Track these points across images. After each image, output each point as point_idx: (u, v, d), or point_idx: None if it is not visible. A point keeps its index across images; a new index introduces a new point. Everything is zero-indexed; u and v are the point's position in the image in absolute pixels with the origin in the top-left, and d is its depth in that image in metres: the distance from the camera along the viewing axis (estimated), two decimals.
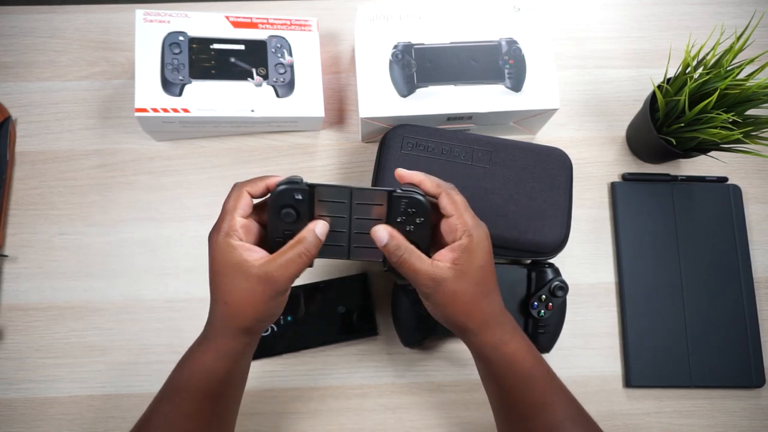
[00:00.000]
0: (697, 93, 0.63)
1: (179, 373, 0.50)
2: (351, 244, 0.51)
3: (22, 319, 0.66)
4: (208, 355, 0.49)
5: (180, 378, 0.50)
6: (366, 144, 0.74)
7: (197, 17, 0.68)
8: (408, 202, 0.48)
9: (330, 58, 0.76)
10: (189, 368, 0.50)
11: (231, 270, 0.46)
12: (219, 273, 0.47)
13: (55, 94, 0.73)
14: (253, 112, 0.67)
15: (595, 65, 0.78)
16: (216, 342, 0.49)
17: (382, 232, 0.48)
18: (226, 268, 0.46)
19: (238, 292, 0.46)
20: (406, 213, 0.49)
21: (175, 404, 0.49)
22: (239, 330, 0.48)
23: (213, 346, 0.49)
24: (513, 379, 0.50)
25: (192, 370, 0.49)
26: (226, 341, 0.49)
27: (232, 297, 0.47)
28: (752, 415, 0.67)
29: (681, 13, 0.80)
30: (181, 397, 0.49)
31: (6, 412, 0.64)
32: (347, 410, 0.66)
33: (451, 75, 0.66)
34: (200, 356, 0.49)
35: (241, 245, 0.47)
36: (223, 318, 0.48)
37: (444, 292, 0.47)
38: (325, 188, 0.49)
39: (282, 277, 0.46)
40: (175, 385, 0.50)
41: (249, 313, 0.47)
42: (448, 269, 0.47)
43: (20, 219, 0.69)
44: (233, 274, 0.46)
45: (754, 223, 0.73)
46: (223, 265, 0.47)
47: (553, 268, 0.65)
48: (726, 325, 0.68)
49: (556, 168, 0.64)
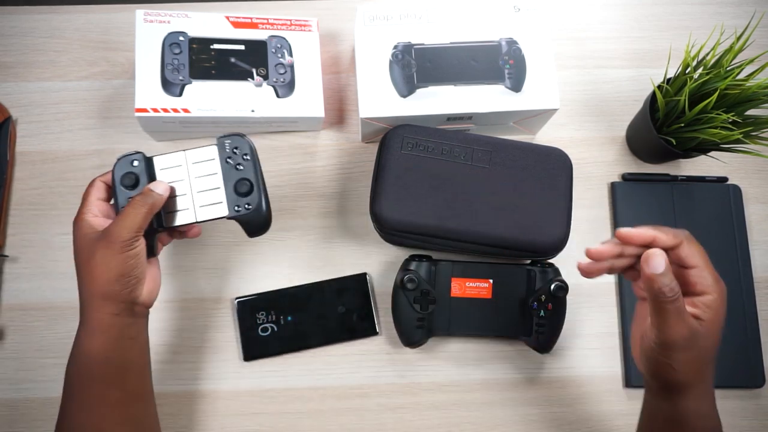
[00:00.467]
0: (697, 93, 0.63)
1: (69, 367, 0.51)
2: (195, 204, 0.55)
3: (23, 319, 0.66)
4: (83, 340, 0.50)
5: (70, 371, 0.51)
6: (366, 144, 0.74)
7: (197, 17, 0.68)
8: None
9: (330, 58, 0.76)
10: (73, 359, 0.50)
11: (86, 242, 0.50)
12: (76, 249, 0.50)
13: (55, 94, 0.73)
14: (254, 112, 0.67)
15: (595, 65, 0.78)
16: (87, 323, 0.50)
17: (660, 259, 0.43)
18: (83, 241, 0.50)
19: (94, 259, 0.49)
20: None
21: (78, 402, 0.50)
22: (97, 295, 0.49)
23: (86, 329, 0.50)
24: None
25: (75, 360, 0.50)
26: (94, 314, 0.50)
27: (89, 266, 0.49)
28: (752, 415, 0.67)
29: (681, 13, 0.80)
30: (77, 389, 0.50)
31: (6, 412, 0.64)
32: (347, 410, 0.66)
33: (451, 75, 0.66)
34: (77, 343, 0.50)
35: (93, 219, 0.51)
36: (81, 291, 0.50)
37: (696, 349, 0.44)
38: (161, 158, 0.55)
39: (121, 228, 0.49)
40: (70, 383, 0.51)
41: (104, 276, 0.49)
42: (697, 325, 0.44)
43: (20, 219, 0.69)
44: (88, 244, 0.50)
45: (754, 223, 0.73)
46: (80, 239, 0.50)
47: (553, 268, 0.65)
48: (726, 325, 0.68)
49: (556, 168, 0.64)
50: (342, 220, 0.71)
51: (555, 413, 0.67)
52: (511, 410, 0.66)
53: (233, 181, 0.55)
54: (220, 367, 0.66)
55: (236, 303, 0.67)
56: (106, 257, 0.49)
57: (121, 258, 0.49)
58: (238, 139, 0.55)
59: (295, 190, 0.71)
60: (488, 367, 0.68)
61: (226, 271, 0.69)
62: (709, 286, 0.45)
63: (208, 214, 0.55)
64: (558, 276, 0.65)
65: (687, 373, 0.45)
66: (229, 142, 0.55)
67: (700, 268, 0.45)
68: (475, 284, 0.65)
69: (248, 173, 0.55)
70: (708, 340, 0.45)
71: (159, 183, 0.53)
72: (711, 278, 0.45)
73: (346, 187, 0.72)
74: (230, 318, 0.67)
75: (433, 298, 0.63)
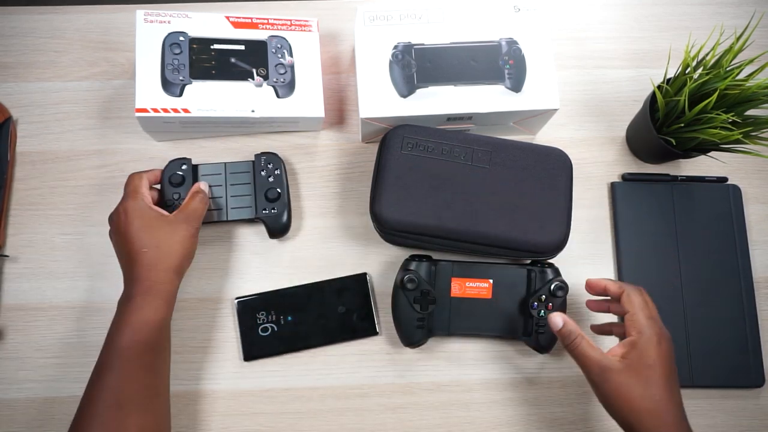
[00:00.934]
0: (697, 93, 0.63)
1: (119, 338, 0.53)
2: (228, 207, 0.66)
3: (23, 319, 0.66)
4: (145, 310, 0.54)
5: (120, 341, 0.53)
6: (366, 144, 0.74)
7: (197, 17, 0.68)
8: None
9: (330, 58, 0.76)
10: (130, 328, 0.53)
11: (155, 222, 0.58)
12: (143, 227, 0.57)
13: (55, 94, 0.73)
14: (254, 112, 0.67)
15: (595, 65, 0.78)
16: (151, 293, 0.54)
17: (558, 318, 0.56)
18: (150, 221, 0.58)
19: (166, 236, 0.58)
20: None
21: (119, 370, 0.52)
22: (172, 269, 0.57)
23: (149, 299, 0.54)
24: None
25: (133, 329, 0.53)
26: (163, 286, 0.55)
27: (161, 241, 0.57)
28: (752, 415, 0.67)
29: (681, 13, 0.80)
30: (126, 359, 0.52)
31: (6, 412, 0.64)
32: (347, 410, 0.66)
33: (451, 75, 0.66)
34: (137, 313, 0.54)
35: (152, 205, 0.60)
36: (156, 264, 0.56)
37: (610, 382, 0.51)
38: (204, 166, 0.67)
39: (196, 215, 0.61)
40: (117, 352, 0.53)
41: (179, 252, 0.58)
42: (616, 361, 0.52)
43: (21, 219, 0.69)
44: (157, 224, 0.58)
45: (754, 223, 0.73)
46: (145, 219, 0.58)
47: (553, 268, 0.65)
48: (726, 325, 0.68)
49: (556, 168, 0.64)
50: (342, 220, 0.71)
51: (555, 413, 0.67)
52: (511, 410, 0.66)
53: (264, 189, 0.67)
54: (220, 367, 0.66)
55: (236, 303, 0.67)
56: (186, 237, 0.59)
57: (195, 239, 0.60)
58: (272, 156, 0.68)
59: (296, 190, 0.71)
60: (488, 367, 0.68)
61: (226, 271, 0.69)
62: (635, 328, 0.52)
63: (237, 214, 0.66)
64: (558, 276, 0.65)
65: (620, 408, 0.51)
66: (264, 158, 0.68)
67: (631, 314, 0.53)
68: (475, 284, 0.65)
69: (277, 184, 0.67)
70: (628, 376, 0.51)
71: (204, 183, 0.65)
72: (641, 322, 0.52)
73: (346, 187, 0.72)
74: (230, 318, 0.67)
75: (433, 298, 0.63)
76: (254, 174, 0.67)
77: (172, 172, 0.65)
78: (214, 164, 0.68)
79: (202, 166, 0.67)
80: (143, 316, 0.55)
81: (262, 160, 0.68)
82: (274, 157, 0.68)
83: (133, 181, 0.61)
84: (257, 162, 0.68)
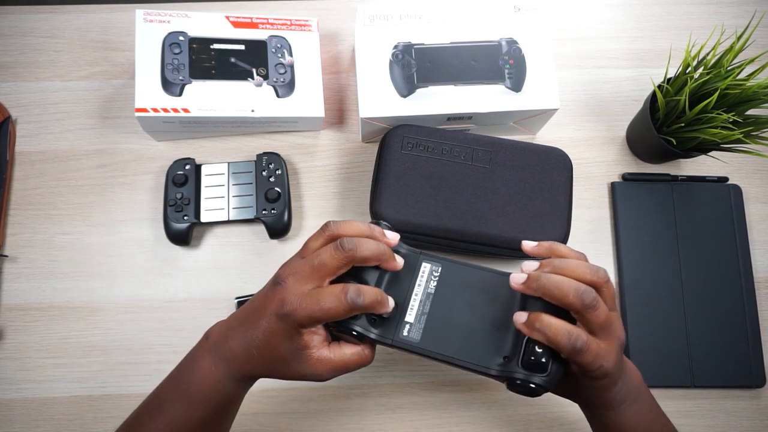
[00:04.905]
0: (698, 93, 0.63)
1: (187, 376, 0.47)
2: (230, 206, 0.67)
3: (22, 319, 0.66)
4: (220, 371, 0.46)
5: (190, 382, 0.47)
6: (366, 144, 0.74)
7: (197, 17, 0.68)
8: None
9: (330, 58, 0.76)
10: (198, 377, 0.47)
11: (289, 352, 0.44)
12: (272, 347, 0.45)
13: (55, 94, 0.73)
14: (254, 112, 0.67)
15: (595, 65, 0.78)
16: (231, 368, 0.46)
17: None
18: (284, 346, 0.44)
19: (281, 361, 0.45)
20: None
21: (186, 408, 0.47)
22: (253, 377, 0.47)
23: (228, 369, 0.46)
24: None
25: (202, 380, 0.47)
26: (239, 373, 0.47)
27: (271, 360, 0.45)
28: (752, 415, 0.67)
29: (681, 13, 0.80)
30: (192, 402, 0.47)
31: (6, 412, 0.64)
32: (347, 410, 0.66)
33: (451, 75, 0.66)
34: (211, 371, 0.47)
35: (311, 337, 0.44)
36: (249, 361, 0.46)
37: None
38: (208, 166, 0.68)
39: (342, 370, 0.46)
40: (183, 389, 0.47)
41: (275, 374, 0.46)
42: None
43: (20, 219, 0.69)
44: (289, 354, 0.45)
45: (754, 223, 0.73)
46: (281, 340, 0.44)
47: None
48: (726, 325, 0.68)
49: (556, 168, 0.64)
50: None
51: (555, 413, 0.67)
52: (510, 410, 0.66)
53: (264, 189, 0.67)
54: None
55: (236, 303, 0.67)
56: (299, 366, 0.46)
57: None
58: (274, 156, 0.69)
59: (296, 190, 0.71)
60: None
61: (226, 271, 0.69)
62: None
63: (239, 214, 0.67)
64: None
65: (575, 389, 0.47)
66: (266, 158, 0.68)
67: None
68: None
69: (278, 184, 0.67)
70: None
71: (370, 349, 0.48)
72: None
73: (346, 187, 0.72)
74: None
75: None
76: (256, 174, 0.68)
77: (175, 172, 0.67)
78: (217, 164, 0.69)
79: (205, 166, 0.69)
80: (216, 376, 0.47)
81: (263, 160, 0.68)
82: (275, 157, 0.69)
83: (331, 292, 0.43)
84: (259, 162, 0.68)
